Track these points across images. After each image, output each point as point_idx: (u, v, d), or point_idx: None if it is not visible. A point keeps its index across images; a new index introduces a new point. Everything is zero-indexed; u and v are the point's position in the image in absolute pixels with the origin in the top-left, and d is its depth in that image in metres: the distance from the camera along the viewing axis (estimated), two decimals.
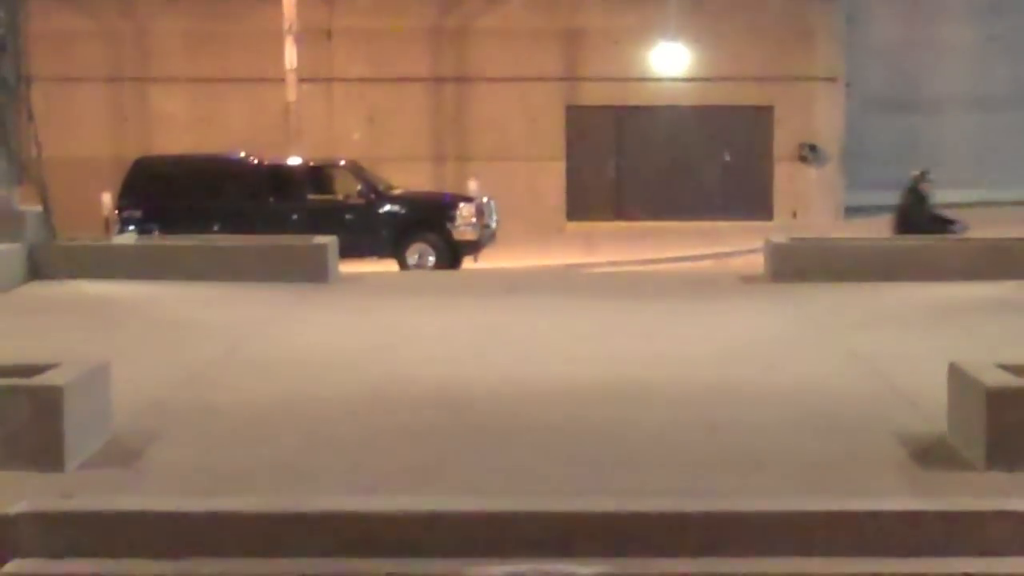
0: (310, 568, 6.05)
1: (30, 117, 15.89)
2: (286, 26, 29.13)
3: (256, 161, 25.47)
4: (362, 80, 34.10)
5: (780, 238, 16.49)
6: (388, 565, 6.06)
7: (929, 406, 8.23)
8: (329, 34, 33.79)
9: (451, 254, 24.33)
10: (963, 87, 37.90)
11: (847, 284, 14.53)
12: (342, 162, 26.29)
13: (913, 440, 7.65)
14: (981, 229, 20.09)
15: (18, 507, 6.19)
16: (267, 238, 18.43)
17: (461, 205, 24.60)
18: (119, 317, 12.71)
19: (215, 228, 22.76)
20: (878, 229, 19.92)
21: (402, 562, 6.07)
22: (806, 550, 6.10)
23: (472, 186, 27.75)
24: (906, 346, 10.92)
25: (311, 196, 24.69)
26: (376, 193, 25.06)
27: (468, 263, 24.45)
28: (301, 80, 29.65)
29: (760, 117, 34.93)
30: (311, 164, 25.74)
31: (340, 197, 24.88)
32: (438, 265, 23.97)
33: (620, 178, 35.22)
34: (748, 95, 34.56)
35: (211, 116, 33.36)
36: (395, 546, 6.13)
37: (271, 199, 24.34)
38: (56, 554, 6.10)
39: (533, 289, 16.02)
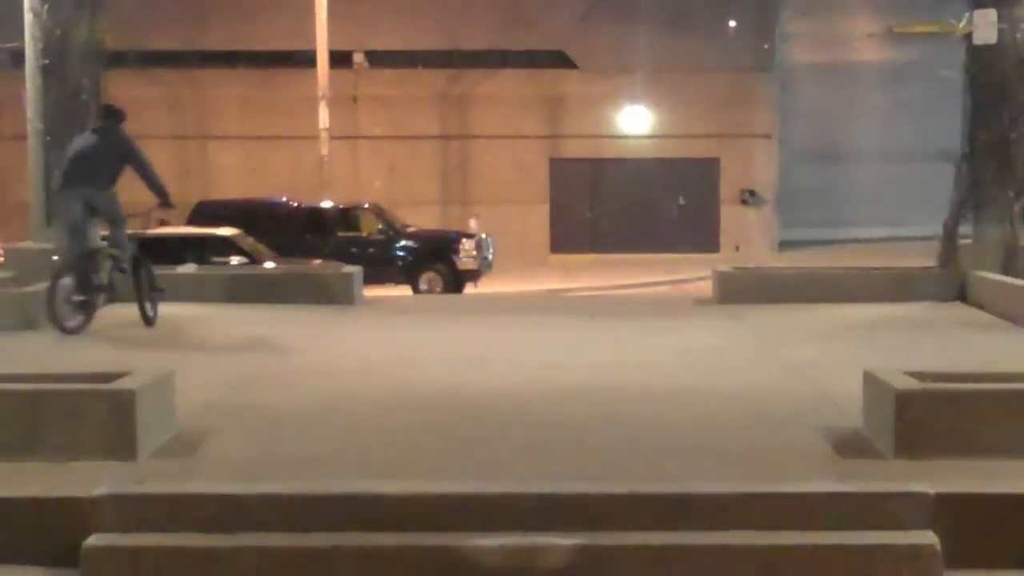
0: (340, 540, 6.06)
1: None
2: (320, 93, 29.21)
3: (295, 204, 25.56)
4: (383, 137, 34.23)
5: (725, 268, 16.52)
6: (402, 538, 6.07)
7: (847, 405, 8.25)
8: (355, 99, 33.90)
9: (455, 281, 24.43)
10: (875, 143, 38.12)
11: (781, 305, 14.56)
12: (366, 205, 26.37)
13: (834, 434, 7.67)
14: (887, 260, 20.14)
15: (99, 491, 6.21)
16: (304, 267, 18.44)
17: (464, 241, 24.70)
18: (181, 334, 12.71)
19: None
20: (806, 260, 19.96)
21: (413, 535, 6.09)
22: (745, 524, 6.12)
23: (473, 224, 27.81)
24: (828, 356, 10.94)
25: (340, 233, 24.75)
26: (394, 231, 25.14)
27: (469, 288, 24.50)
28: (332, 137, 29.73)
29: (708, 167, 35.09)
30: (340, 207, 25.81)
31: (364, 234, 24.95)
32: (444, 290, 24.04)
33: (595, 218, 35.32)
34: (699, 149, 34.71)
35: (259, 167, 33.43)
36: (407, 522, 6.15)
37: (307, 235, 24.39)
38: (129, 529, 6.11)
39: (523, 310, 16.04)
